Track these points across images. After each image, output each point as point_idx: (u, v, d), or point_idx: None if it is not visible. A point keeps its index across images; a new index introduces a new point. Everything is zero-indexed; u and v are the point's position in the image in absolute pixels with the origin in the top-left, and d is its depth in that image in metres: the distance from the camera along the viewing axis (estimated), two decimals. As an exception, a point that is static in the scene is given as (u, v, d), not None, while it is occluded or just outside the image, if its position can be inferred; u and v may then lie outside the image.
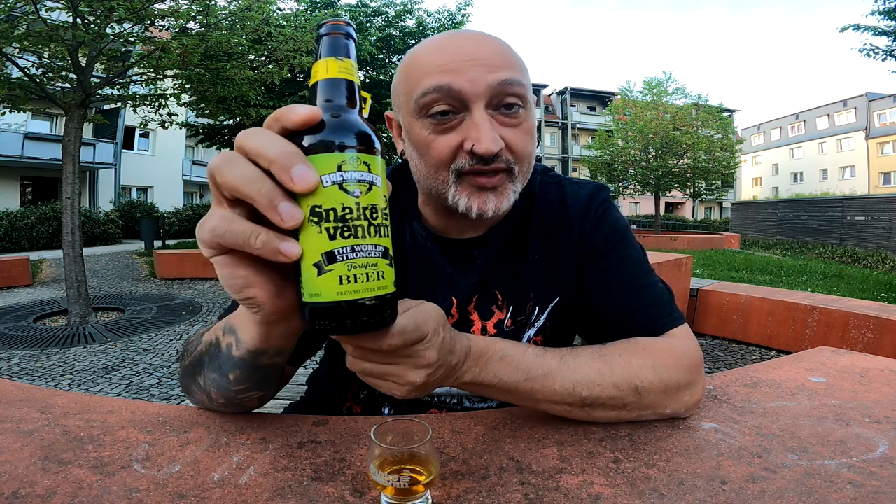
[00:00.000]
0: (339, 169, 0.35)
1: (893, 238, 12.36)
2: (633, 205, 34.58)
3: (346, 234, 0.35)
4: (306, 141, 0.35)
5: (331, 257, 0.34)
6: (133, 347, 3.94)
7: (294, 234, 0.35)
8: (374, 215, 0.36)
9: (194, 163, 22.18)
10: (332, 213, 0.34)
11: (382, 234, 0.37)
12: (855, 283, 6.90)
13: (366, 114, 0.40)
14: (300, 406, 0.86)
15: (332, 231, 0.34)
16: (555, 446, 0.51)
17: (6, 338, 4.16)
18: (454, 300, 0.66)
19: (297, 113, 0.35)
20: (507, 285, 0.67)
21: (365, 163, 0.36)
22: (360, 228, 0.35)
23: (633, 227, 25.44)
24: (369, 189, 0.36)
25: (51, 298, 6.00)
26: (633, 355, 0.56)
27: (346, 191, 0.35)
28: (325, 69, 0.39)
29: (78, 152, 4.75)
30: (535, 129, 0.62)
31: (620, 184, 21.41)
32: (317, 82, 0.39)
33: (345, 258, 0.34)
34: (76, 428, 0.54)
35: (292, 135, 0.36)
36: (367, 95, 0.43)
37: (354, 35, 0.41)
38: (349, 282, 0.35)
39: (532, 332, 0.67)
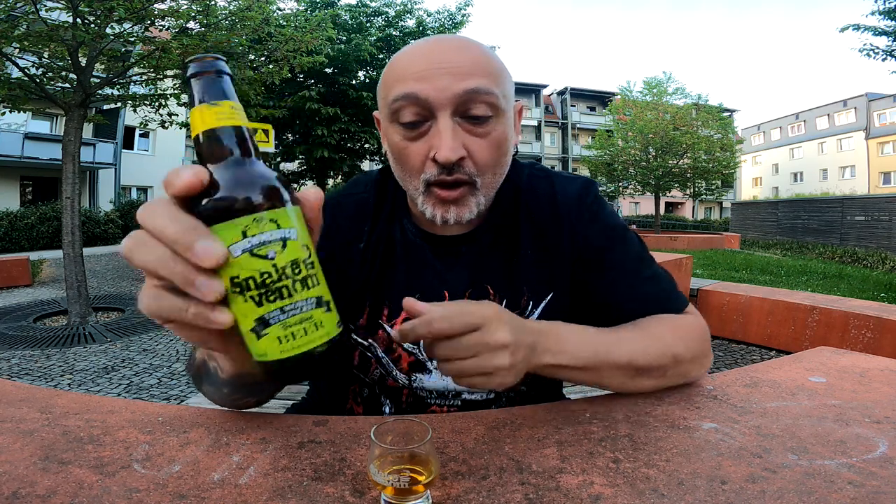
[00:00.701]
0: (245, 235, 0.32)
1: (893, 238, 12.37)
2: (633, 205, 34.59)
3: (271, 298, 0.33)
4: (205, 209, 0.33)
5: (263, 322, 0.34)
6: (133, 347, 3.94)
7: (225, 300, 0.34)
8: (297, 270, 0.34)
9: (194, 163, 22.13)
10: (251, 281, 0.33)
11: (311, 284, 0.35)
12: (855, 283, 6.90)
13: (270, 147, 0.38)
14: (302, 407, 0.86)
15: (257, 298, 0.33)
16: (555, 446, 0.51)
17: (6, 338, 4.16)
18: (446, 294, 0.67)
19: (180, 179, 0.32)
20: (499, 280, 0.68)
21: (272, 220, 0.33)
22: (284, 289, 0.34)
23: (633, 226, 25.32)
24: (284, 246, 0.34)
25: (51, 298, 6.00)
26: (667, 330, 0.62)
27: (259, 256, 0.33)
28: (200, 119, 0.35)
29: (78, 152, 4.75)
30: (509, 138, 0.62)
31: (620, 184, 21.42)
32: (197, 136, 0.35)
33: (277, 320, 0.34)
34: (76, 428, 0.54)
35: (192, 200, 0.33)
36: (268, 127, 0.39)
37: (226, 68, 0.36)
38: (288, 340, 0.34)
39: None
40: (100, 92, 5.17)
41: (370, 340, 0.67)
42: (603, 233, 0.68)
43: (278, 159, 12.68)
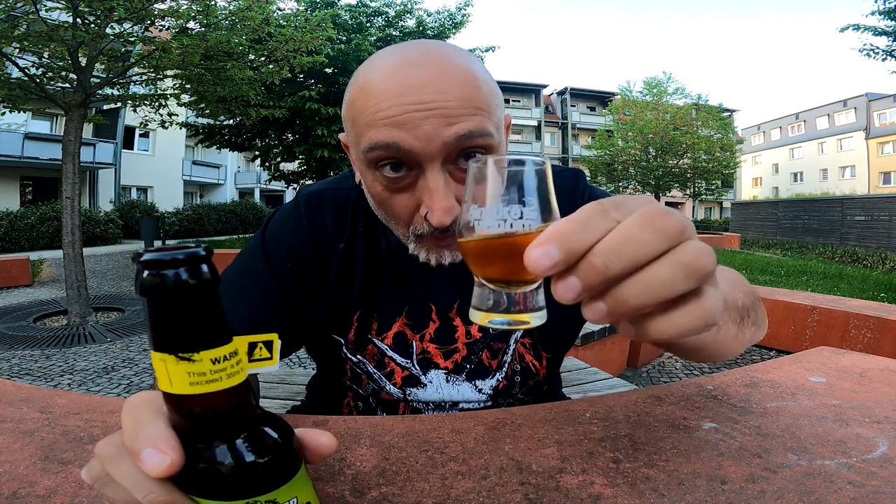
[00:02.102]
0: None
1: (893, 238, 12.37)
2: (633, 205, 34.47)
3: None
4: (191, 479, 0.25)
5: None
6: (133, 347, 3.94)
7: None
8: None
9: (194, 163, 22.19)
10: None
11: None
12: (855, 283, 6.90)
13: (275, 364, 0.28)
14: (300, 410, 0.86)
15: None
16: (555, 446, 0.51)
17: (6, 338, 4.16)
18: (433, 307, 0.65)
19: (153, 465, 0.23)
20: None
21: (270, 501, 0.26)
22: None
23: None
24: None
25: (51, 298, 6.00)
26: (726, 272, 0.53)
27: None
28: (166, 377, 0.24)
29: (78, 152, 4.75)
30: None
31: (620, 184, 21.44)
32: (172, 397, 0.25)
33: None
34: (76, 428, 0.54)
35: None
36: (273, 338, 0.28)
37: (202, 267, 0.24)
38: None
39: (518, 334, 0.66)
40: (100, 92, 5.17)
41: (359, 357, 0.65)
42: None
43: (278, 159, 12.69)
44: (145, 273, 0.23)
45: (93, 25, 4.39)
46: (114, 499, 0.26)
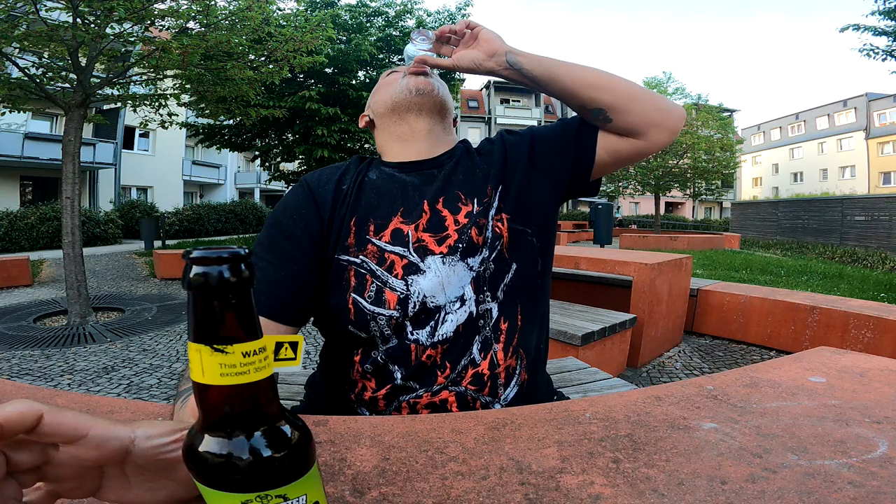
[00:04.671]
0: None
1: (893, 238, 12.36)
2: (633, 205, 34.59)
3: None
4: (201, 468, 0.27)
5: None
6: (133, 347, 3.94)
7: None
8: None
9: (194, 163, 22.18)
10: None
11: None
12: (855, 283, 6.90)
13: (297, 364, 0.30)
14: (300, 409, 0.86)
15: None
16: (555, 446, 0.51)
17: (6, 338, 4.16)
18: (424, 201, 0.76)
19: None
20: (466, 185, 0.79)
21: (280, 496, 0.27)
22: None
23: (633, 226, 25.45)
24: None
25: (51, 298, 6.00)
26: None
27: None
28: (199, 367, 0.26)
29: (78, 152, 4.75)
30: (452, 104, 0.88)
31: (620, 184, 21.43)
32: (202, 387, 0.26)
33: None
34: (76, 428, 0.54)
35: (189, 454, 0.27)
36: (299, 339, 0.30)
37: (243, 266, 0.26)
38: None
39: (492, 212, 0.77)
40: (100, 92, 5.17)
41: (361, 257, 0.73)
42: (522, 134, 0.85)
43: (278, 159, 12.69)
44: (193, 268, 0.25)
45: (93, 25, 4.39)
46: None
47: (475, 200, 0.77)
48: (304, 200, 0.76)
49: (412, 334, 0.71)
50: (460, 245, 0.74)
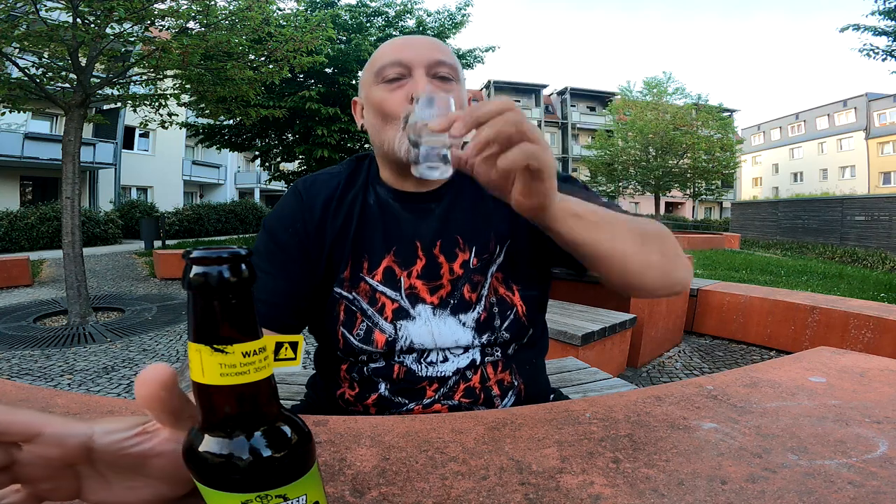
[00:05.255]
0: None
1: (893, 238, 12.37)
2: (633, 205, 34.55)
3: None
4: (201, 468, 0.27)
5: None
6: (133, 347, 3.94)
7: None
8: None
9: (194, 163, 22.18)
10: None
11: None
12: (855, 283, 6.90)
13: (297, 364, 0.30)
14: (300, 409, 0.86)
15: None
16: (555, 446, 0.51)
17: (6, 338, 4.16)
18: (418, 244, 0.73)
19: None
20: (467, 229, 0.74)
21: (280, 496, 0.27)
22: None
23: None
24: None
25: (51, 298, 6.00)
26: (647, 221, 0.65)
27: None
28: (199, 367, 0.26)
29: (78, 152, 4.75)
30: (464, 104, 0.75)
31: (620, 184, 21.44)
32: (202, 387, 0.26)
33: None
34: (76, 428, 0.54)
35: (189, 455, 0.27)
36: (299, 339, 0.30)
37: (243, 266, 0.26)
38: None
39: (494, 268, 0.74)
40: (100, 92, 5.17)
41: (354, 294, 0.73)
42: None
43: (278, 159, 12.68)
44: (193, 268, 0.25)
45: (93, 25, 4.39)
46: None
47: (473, 249, 0.73)
48: (297, 211, 0.75)
49: (398, 357, 0.72)
50: (451, 301, 0.72)
